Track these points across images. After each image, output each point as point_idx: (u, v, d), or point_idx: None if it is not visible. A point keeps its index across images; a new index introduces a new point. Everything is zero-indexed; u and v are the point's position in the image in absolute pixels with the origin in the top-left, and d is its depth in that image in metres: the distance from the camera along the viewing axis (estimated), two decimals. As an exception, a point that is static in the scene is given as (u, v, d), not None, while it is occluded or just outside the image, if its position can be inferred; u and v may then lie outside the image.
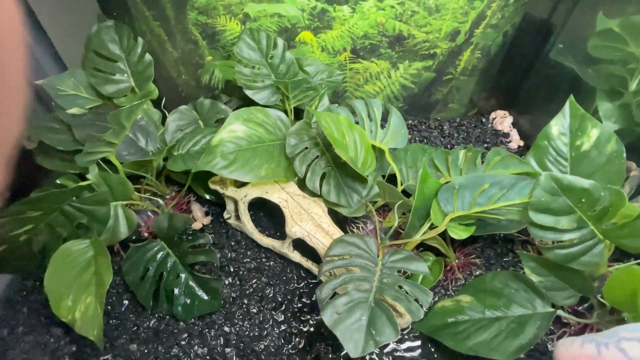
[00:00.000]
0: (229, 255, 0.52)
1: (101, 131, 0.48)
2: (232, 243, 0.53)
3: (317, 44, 0.66)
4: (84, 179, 0.44)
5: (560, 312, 0.41)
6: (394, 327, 0.32)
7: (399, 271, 0.39)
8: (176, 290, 0.45)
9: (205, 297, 0.45)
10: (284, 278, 0.50)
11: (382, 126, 0.52)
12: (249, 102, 0.55)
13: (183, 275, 0.45)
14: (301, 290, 0.49)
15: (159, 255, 0.46)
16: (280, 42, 0.56)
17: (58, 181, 0.42)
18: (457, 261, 0.47)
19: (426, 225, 0.45)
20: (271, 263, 0.51)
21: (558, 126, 0.42)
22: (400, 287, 0.36)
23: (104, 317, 0.39)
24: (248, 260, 0.51)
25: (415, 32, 0.65)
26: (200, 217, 0.55)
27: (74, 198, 0.40)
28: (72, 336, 0.42)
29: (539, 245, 0.43)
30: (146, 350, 0.42)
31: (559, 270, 0.41)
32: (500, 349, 0.38)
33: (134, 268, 0.45)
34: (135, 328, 0.44)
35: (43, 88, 0.50)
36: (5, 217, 0.35)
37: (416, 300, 0.35)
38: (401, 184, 0.51)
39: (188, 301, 0.45)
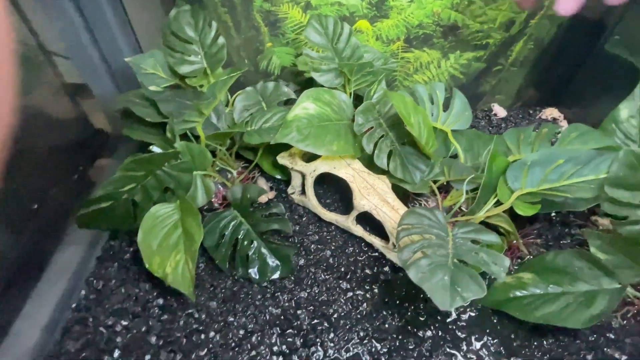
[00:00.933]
0: (293, 228, 0.54)
1: (181, 107, 0.51)
2: (296, 217, 0.56)
3: (373, 32, 0.68)
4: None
5: (630, 289, 0.42)
6: (479, 285, 0.34)
7: (472, 241, 0.40)
8: (250, 256, 0.48)
9: (277, 263, 0.48)
10: (347, 251, 0.52)
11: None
12: (304, 88, 0.57)
13: (256, 242, 0.48)
14: (363, 262, 0.51)
15: (232, 223, 0.49)
16: (347, 27, 0.58)
17: (150, 148, 0.46)
18: (520, 240, 0.49)
19: (491, 203, 0.47)
20: (333, 236, 0.54)
21: (628, 109, 0.44)
22: (477, 253, 0.38)
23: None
24: (311, 233, 0.54)
25: (470, 22, 0.66)
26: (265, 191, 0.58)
27: (165, 164, 0.44)
28: (158, 291, 0.46)
29: (612, 221, 0.43)
30: (225, 308, 0.45)
31: (627, 248, 0.42)
32: (571, 318, 0.39)
33: (210, 233, 0.49)
34: (212, 288, 0.47)
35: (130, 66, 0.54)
36: (118, 172, 0.38)
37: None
38: (463, 164, 0.53)
39: (261, 266, 0.48)
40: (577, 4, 0.34)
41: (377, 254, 0.52)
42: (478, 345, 0.43)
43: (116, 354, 0.40)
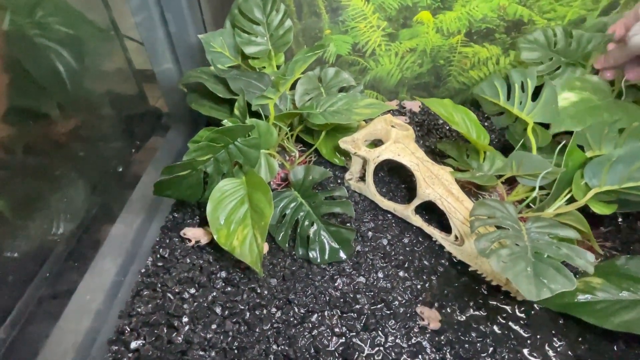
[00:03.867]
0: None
1: (249, 85, 0.52)
2: (352, 203, 0.56)
3: (434, 24, 0.67)
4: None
5: None
6: (567, 277, 0.33)
7: (548, 236, 0.39)
8: (310, 237, 0.48)
9: (337, 246, 0.48)
10: (403, 240, 0.52)
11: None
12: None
13: (316, 224, 0.48)
14: (420, 253, 0.51)
15: (293, 204, 0.50)
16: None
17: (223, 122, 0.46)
18: (595, 241, 0.47)
19: (563, 199, 0.45)
20: (389, 225, 0.53)
21: None
22: (558, 247, 0.37)
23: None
24: (367, 220, 0.54)
25: (537, 18, 0.65)
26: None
27: (238, 138, 0.44)
28: (221, 263, 0.46)
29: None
30: (285, 286, 0.45)
31: None
32: None
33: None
34: (272, 266, 0.47)
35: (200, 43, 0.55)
36: (202, 141, 0.39)
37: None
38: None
39: (321, 248, 0.48)
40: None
41: (434, 245, 0.51)
42: (545, 345, 0.42)
43: (184, 319, 0.40)
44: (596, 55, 0.54)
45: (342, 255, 0.48)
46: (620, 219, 0.54)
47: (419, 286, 0.47)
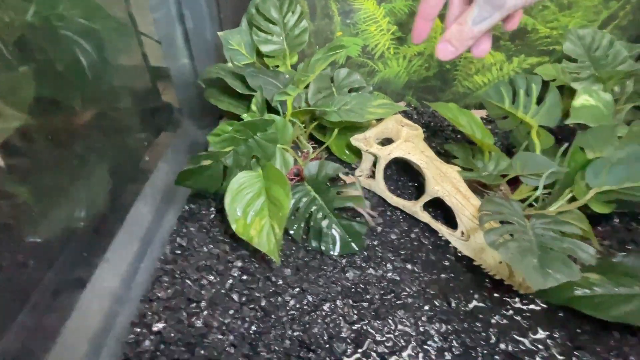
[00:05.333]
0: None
1: (266, 82, 0.54)
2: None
3: (441, 29, 0.70)
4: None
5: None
6: (571, 268, 0.35)
7: (553, 231, 0.42)
8: (323, 230, 0.50)
9: (349, 239, 0.50)
10: (411, 235, 0.54)
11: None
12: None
13: (329, 218, 0.50)
14: (427, 248, 0.53)
15: (306, 198, 0.51)
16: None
17: (243, 116, 0.48)
18: (595, 238, 0.49)
19: (565, 198, 0.48)
20: (397, 220, 0.55)
21: None
22: (562, 241, 0.39)
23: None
24: (376, 216, 0.56)
25: (540, 27, 0.67)
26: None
27: (257, 133, 0.46)
28: (237, 253, 0.48)
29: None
30: (298, 276, 0.47)
31: None
32: None
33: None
34: (286, 257, 0.49)
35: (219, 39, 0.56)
36: (226, 133, 0.41)
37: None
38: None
39: (333, 240, 0.50)
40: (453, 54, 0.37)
41: (440, 240, 0.54)
42: (544, 335, 0.44)
43: (203, 304, 0.42)
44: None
45: (354, 247, 0.50)
46: (616, 219, 0.57)
47: (426, 279, 0.49)
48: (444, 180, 0.51)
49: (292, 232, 0.50)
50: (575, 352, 0.43)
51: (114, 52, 0.61)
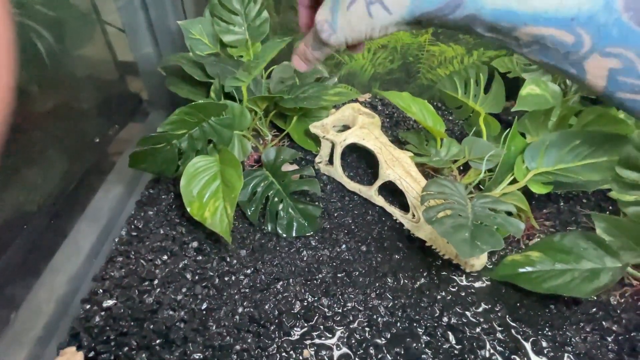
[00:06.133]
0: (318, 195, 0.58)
1: (225, 71, 0.55)
2: (321, 185, 0.59)
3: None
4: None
5: (629, 269, 0.46)
6: (497, 239, 0.37)
7: (489, 209, 0.44)
8: (279, 213, 0.51)
9: (304, 222, 0.52)
10: (367, 218, 0.56)
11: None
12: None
13: (285, 201, 0.52)
14: (381, 230, 0.55)
15: (264, 182, 0.53)
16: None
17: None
18: (532, 218, 0.52)
19: (507, 181, 0.51)
20: (355, 205, 0.57)
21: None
22: (494, 218, 0.41)
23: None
24: (334, 200, 0.58)
25: (496, 21, 0.70)
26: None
27: (212, 117, 0.47)
28: (193, 235, 0.49)
29: (619, 203, 0.47)
30: (253, 257, 0.48)
31: (631, 230, 0.45)
32: (577, 289, 0.43)
33: (243, 189, 0.52)
34: (242, 239, 0.50)
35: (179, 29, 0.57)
36: (176, 115, 0.42)
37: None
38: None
39: (289, 223, 0.51)
40: (307, 67, 0.39)
41: (395, 223, 0.56)
42: (487, 308, 0.47)
43: (155, 282, 0.43)
44: None
45: (308, 229, 0.51)
46: (562, 203, 0.60)
47: (378, 259, 0.51)
48: (396, 165, 0.53)
49: (249, 214, 0.51)
50: (513, 324, 0.45)
51: (76, 40, 0.62)
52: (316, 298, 0.46)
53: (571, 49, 0.27)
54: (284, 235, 0.51)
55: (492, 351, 0.43)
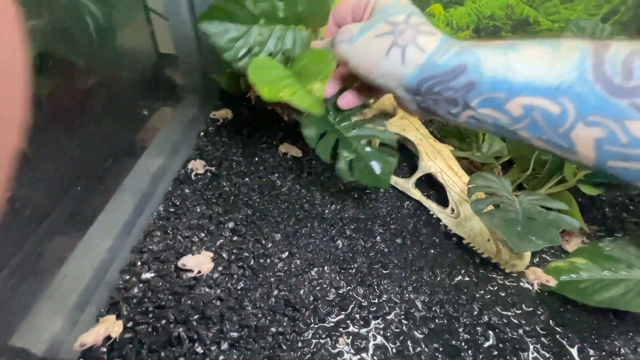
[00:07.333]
0: (351, 185, 0.57)
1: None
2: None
3: (445, 18, 0.71)
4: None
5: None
6: (553, 234, 0.35)
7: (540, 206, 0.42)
8: (356, 150, 0.46)
9: (380, 167, 0.46)
10: (402, 212, 0.55)
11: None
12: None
13: (356, 146, 0.47)
14: (417, 223, 0.53)
15: (338, 118, 0.48)
16: None
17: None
18: (582, 220, 0.50)
19: (554, 180, 0.49)
20: (390, 196, 0.56)
21: None
22: (546, 214, 0.40)
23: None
24: (369, 191, 0.57)
25: (542, 19, 0.68)
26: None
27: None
28: (229, 215, 0.49)
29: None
30: (288, 242, 0.48)
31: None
32: (633, 302, 0.40)
33: (313, 127, 0.46)
34: (276, 223, 0.50)
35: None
36: None
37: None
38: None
39: (365, 167, 0.46)
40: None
41: (431, 218, 0.54)
42: (528, 311, 0.45)
43: (193, 259, 0.43)
44: None
45: (381, 182, 0.46)
46: (607, 209, 0.57)
47: (414, 252, 0.50)
48: (437, 157, 0.51)
49: (319, 151, 0.45)
50: (557, 329, 0.43)
51: (121, 20, 0.63)
52: (351, 287, 0.44)
53: (558, 120, 0.27)
54: (352, 178, 0.45)
55: (535, 354, 0.41)
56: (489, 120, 0.29)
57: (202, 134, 0.62)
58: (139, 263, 0.41)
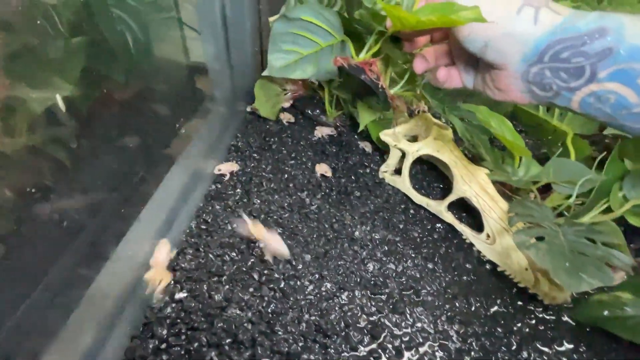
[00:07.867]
0: (382, 204, 0.56)
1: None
2: (385, 195, 0.57)
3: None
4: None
5: None
6: (606, 274, 0.33)
7: (586, 238, 0.40)
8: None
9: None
10: (434, 235, 0.53)
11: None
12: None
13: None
14: (449, 248, 0.52)
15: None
16: None
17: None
18: (628, 252, 0.47)
19: (599, 209, 0.46)
20: (421, 219, 0.55)
21: None
22: (594, 248, 0.38)
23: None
24: (398, 212, 0.55)
25: None
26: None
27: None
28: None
29: None
30: (318, 263, 0.47)
31: None
32: None
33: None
34: (306, 243, 0.49)
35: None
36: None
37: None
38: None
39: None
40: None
41: (464, 243, 0.52)
42: (570, 348, 0.42)
43: (224, 279, 0.42)
44: None
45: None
46: (651, 239, 0.54)
47: (447, 279, 0.48)
48: (472, 181, 0.50)
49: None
50: (602, 368, 0.41)
51: (157, 35, 0.64)
52: (383, 314, 0.43)
53: None
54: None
55: (579, 396, 0.39)
56: (612, 98, 0.26)
57: (232, 148, 0.62)
58: (172, 281, 0.41)
